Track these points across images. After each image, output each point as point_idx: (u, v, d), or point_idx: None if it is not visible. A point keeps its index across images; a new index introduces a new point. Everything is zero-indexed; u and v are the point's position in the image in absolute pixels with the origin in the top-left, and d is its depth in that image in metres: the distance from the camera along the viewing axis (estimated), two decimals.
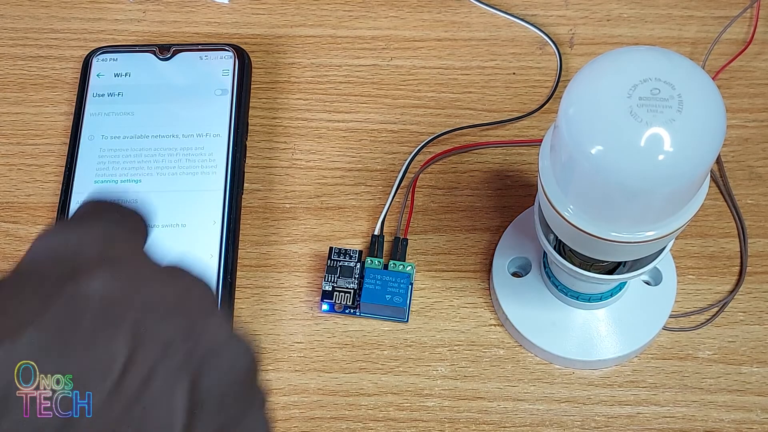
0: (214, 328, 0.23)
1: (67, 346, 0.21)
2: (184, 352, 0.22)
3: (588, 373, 0.42)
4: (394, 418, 0.42)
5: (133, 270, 0.23)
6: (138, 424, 0.21)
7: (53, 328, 0.21)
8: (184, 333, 0.22)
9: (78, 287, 0.22)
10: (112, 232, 0.24)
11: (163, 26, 0.52)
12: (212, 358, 0.23)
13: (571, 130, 0.29)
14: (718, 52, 0.50)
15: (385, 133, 0.49)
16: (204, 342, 0.23)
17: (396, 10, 0.52)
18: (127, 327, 0.22)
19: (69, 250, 0.23)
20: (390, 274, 0.43)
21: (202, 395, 0.22)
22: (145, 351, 0.21)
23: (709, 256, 0.45)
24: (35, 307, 0.21)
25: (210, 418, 0.22)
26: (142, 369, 0.21)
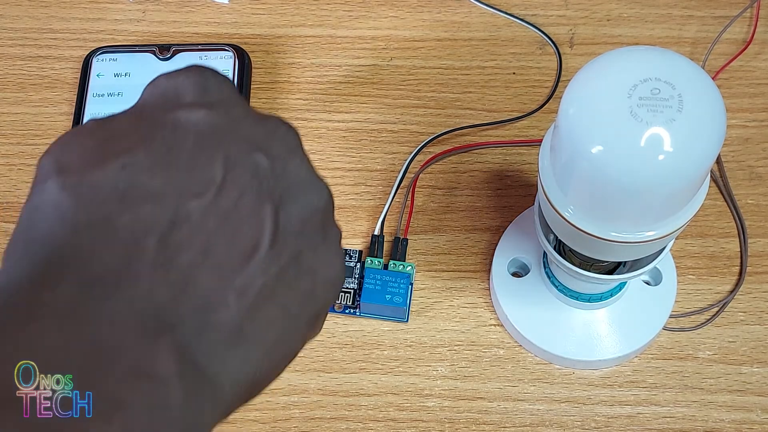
0: (297, 167, 0.26)
1: (172, 165, 0.24)
2: (270, 182, 0.25)
3: (588, 373, 0.42)
4: (394, 418, 0.42)
5: (229, 109, 0.26)
6: (231, 234, 0.24)
7: (161, 149, 0.24)
8: (269, 166, 0.26)
9: (181, 118, 0.25)
10: (211, 80, 0.27)
11: (163, 26, 0.52)
12: (294, 192, 0.26)
13: (571, 130, 0.29)
14: (718, 52, 0.50)
15: (385, 133, 0.49)
16: (287, 176, 0.26)
17: (396, 10, 0.52)
18: (222, 154, 0.25)
19: (173, 91, 0.26)
20: (390, 274, 0.43)
21: (283, 220, 0.25)
22: (235, 176, 0.25)
23: (709, 256, 0.45)
24: (146, 132, 0.25)
25: (290, 241, 0.25)
26: (234, 190, 0.24)
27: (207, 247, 0.24)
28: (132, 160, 0.24)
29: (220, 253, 0.24)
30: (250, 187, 0.25)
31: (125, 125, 0.25)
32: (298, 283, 0.25)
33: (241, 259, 0.24)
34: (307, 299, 0.26)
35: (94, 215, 0.23)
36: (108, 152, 0.24)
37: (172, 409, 0.22)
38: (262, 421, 0.42)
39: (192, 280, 0.23)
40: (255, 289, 0.24)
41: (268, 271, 0.25)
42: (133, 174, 0.24)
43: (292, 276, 0.25)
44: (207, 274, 0.24)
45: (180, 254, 0.23)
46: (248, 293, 0.24)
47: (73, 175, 0.24)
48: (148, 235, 0.23)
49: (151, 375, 0.22)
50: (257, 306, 0.24)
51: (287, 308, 0.25)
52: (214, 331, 0.23)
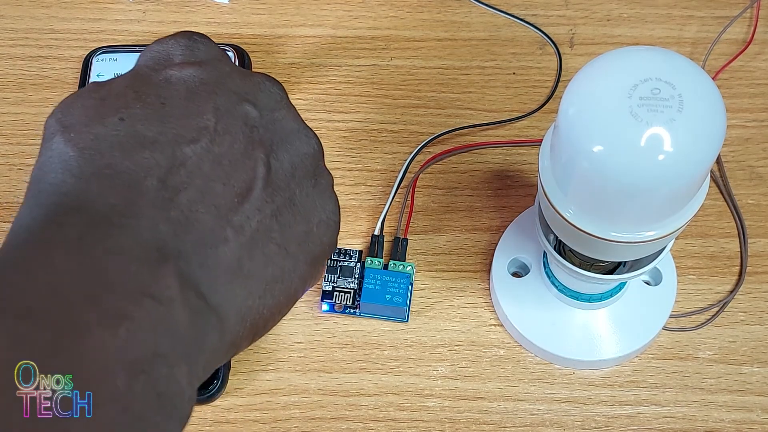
0: (285, 117, 0.29)
1: (166, 115, 0.26)
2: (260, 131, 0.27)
3: (588, 373, 0.42)
4: (394, 418, 0.42)
5: (216, 66, 0.28)
6: (225, 176, 0.26)
7: (155, 102, 0.26)
8: (258, 116, 0.27)
9: (172, 75, 0.27)
10: (198, 41, 0.29)
11: (163, 26, 0.52)
12: (283, 139, 0.28)
13: (571, 130, 0.29)
14: (718, 52, 0.50)
15: (385, 133, 0.49)
16: (276, 126, 0.28)
17: (396, 10, 0.52)
18: (212, 104, 0.27)
19: (164, 54, 0.28)
20: (390, 274, 0.43)
21: (274, 165, 0.27)
22: (227, 123, 0.27)
23: (709, 256, 0.45)
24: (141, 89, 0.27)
25: (282, 184, 0.27)
26: (227, 136, 0.26)
27: (204, 188, 0.25)
28: (129, 113, 0.26)
29: (216, 193, 0.25)
30: (242, 134, 0.27)
31: (122, 86, 0.27)
32: (293, 223, 0.27)
33: (237, 198, 0.26)
34: (304, 239, 0.27)
35: (98, 163, 0.25)
36: (106, 108, 0.26)
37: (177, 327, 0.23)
38: (262, 421, 0.42)
39: (192, 216, 0.25)
40: (252, 226, 0.26)
41: (264, 210, 0.26)
42: (131, 125, 0.25)
43: (287, 217, 0.27)
44: (205, 211, 0.25)
45: (179, 194, 0.25)
46: (245, 230, 0.26)
47: (76, 130, 0.25)
48: (148, 178, 0.25)
49: (155, 296, 0.23)
50: (255, 242, 0.26)
51: (284, 247, 0.26)
52: (214, 264, 0.25)
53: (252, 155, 0.27)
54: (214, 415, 0.42)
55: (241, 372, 0.43)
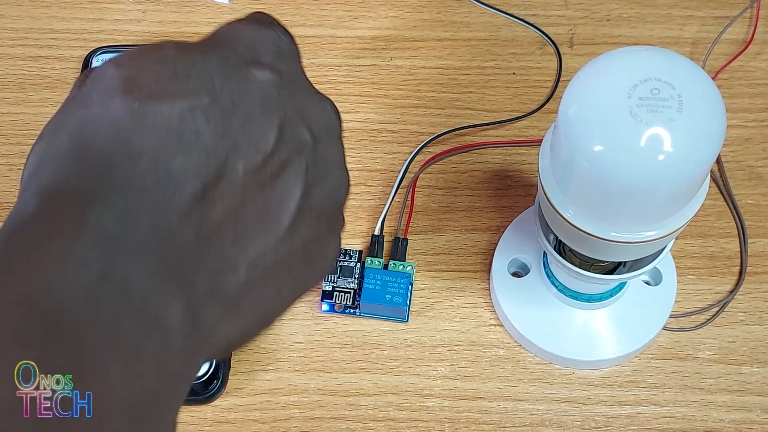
0: (334, 154, 0.28)
1: (233, 120, 0.25)
2: (309, 162, 0.26)
3: (588, 373, 0.42)
4: (394, 418, 0.42)
5: (295, 79, 0.27)
6: (261, 204, 0.25)
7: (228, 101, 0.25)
8: (313, 146, 0.26)
9: (253, 76, 0.26)
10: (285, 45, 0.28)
11: (163, 26, 0.52)
12: (324, 177, 0.27)
13: (571, 130, 0.29)
14: (718, 52, 0.50)
15: (385, 133, 0.49)
16: (324, 160, 0.27)
17: (396, 10, 0.52)
18: (278, 122, 0.25)
19: (252, 46, 0.27)
20: (390, 274, 0.43)
21: (309, 202, 0.26)
22: (284, 147, 0.25)
23: (709, 256, 0.45)
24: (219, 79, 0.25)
25: (305, 226, 0.26)
26: (278, 161, 0.25)
27: (238, 210, 0.24)
28: (199, 103, 0.24)
29: (246, 220, 0.24)
30: (291, 163, 0.26)
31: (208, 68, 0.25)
32: (297, 268, 0.26)
33: (262, 231, 0.25)
34: (299, 285, 0.27)
35: (149, 148, 0.23)
36: (179, 89, 0.24)
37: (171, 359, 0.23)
38: (262, 421, 0.42)
39: (217, 237, 0.24)
40: (264, 264, 0.25)
41: (280, 250, 0.25)
42: (196, 118, 0.24)
43: (295, 260, 0.26)
44: (230, 236, 0.24)
45: (213, 210, 0.24)
46: (258, 266, 0.25)
47: (141, 101, 0.24)
48: (190, 182, 0.24)
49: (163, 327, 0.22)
50: (260, 281, 0.25)
51: (280, 290, 0.26)
52: (219, 296, 0.24)
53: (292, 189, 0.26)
54: (214, 415, 0.42)
55: (241, 372, 0.43)
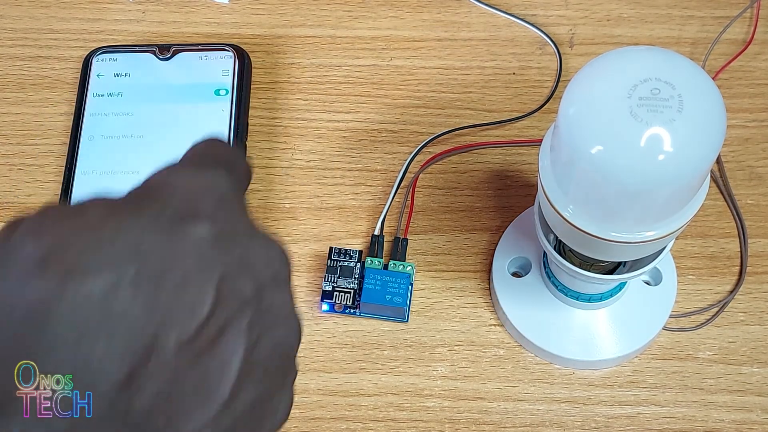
0: (282, 301, 0.25)
1: (163, 286, 0.22)
2: (254, 316, 0.24)
3: (588, 374, 0.42)
4: (394, 418, 0.42)
5: (234, 228, 0.24)
6: (197, 374, 0.23)
7: (157, 266, 0.22)
8: (255, 300, 0.24)
9: (187, 230, 0.23)
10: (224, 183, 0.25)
11: (163, 26, 0.52)
12: (272, 329, 0.24)
13: (571, 130, 0.29)
14: (718, 52, 0.50)
15: (385, 133, 0.49)
16: (270, 311, 0.24)
17: (396, 10, 0.52)
18: (216, 280, 0.23)
19: (189, 192, 0.24)
20: (390, 274, 0.43)
21: (254, 360, 0.24)
22: (222, 310, 0.23)
23: (709, 256, 0.45)
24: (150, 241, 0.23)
25: (253, 385, 0.24)
26: (216, 326, 0.23)
27: (170, 389, 0.22)
28: (125, 275, 0.22)
29: (180, 396, 0.22)
30: (232, 324, 0.23)
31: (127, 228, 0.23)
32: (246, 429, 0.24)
33: (200, 405, 0.23)
34: None
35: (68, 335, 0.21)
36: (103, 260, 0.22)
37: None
38: None
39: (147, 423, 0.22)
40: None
41: (222, 420, 0.23)
42: (121, 293, 0.22)
43: (242, 423, 0.24)
44: (161, 419, 0.22)
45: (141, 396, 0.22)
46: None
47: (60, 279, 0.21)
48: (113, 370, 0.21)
49: None
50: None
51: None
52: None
53: (233, 352, 0.23)
54: None
55: None
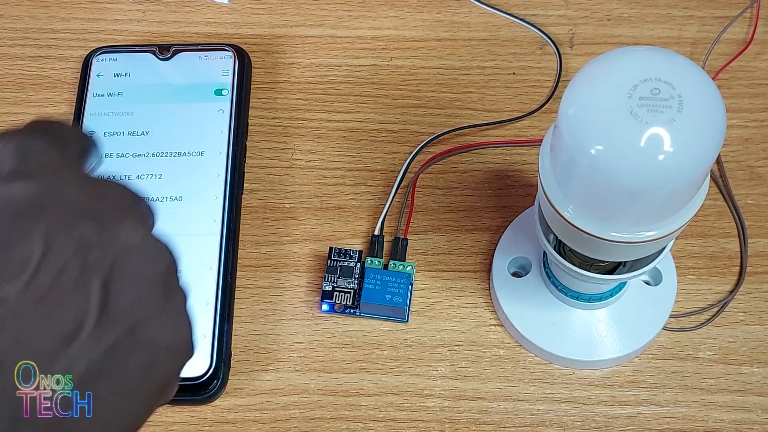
0: (130, 232, 0.25)
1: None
2: (96, 254, 0.24)
3: (588, 373, 0.42)
4: (394, 418, 0.42)
5: (52, 176, 0.24)
6: (49, 317, 0.23)
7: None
8: (96, 236, 0.24)
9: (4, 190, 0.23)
10: (32, 144, 0.25)
11: (163, 26, 0.52)
12: (124, 260, 0.24)
13: (571, 130, 0.29)
14: (718, 52, 0.50)
15: (385, 133, 0.49)
16: (116, 244, 0.24)
17: (396, 10, 0.52)
18: (40, 230, 0.23)
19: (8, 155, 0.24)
20: (390, 274, 0.43)
21: (115, 292, 0.24)
22: (56, 252, 0.23)
23: (709, 256, 0.45)
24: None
25: (122, 315, 0.24)
26: (54, 267, 0.23)
27: (22, 334, 0.22)
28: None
29: (36, 339, 0.22)
30: (73, 262, 0.23)
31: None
32: (133, 356, 0.24)
33: (61, 342, 0.23)
34: (147, 372, 0.25)
35: None
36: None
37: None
38: (262, 421, 0.42)
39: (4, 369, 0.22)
40: (80, 370, 0.23)
41: (95, 350, 0.23)
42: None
43: (125, 350, 0.24)
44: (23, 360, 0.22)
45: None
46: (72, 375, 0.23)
47: None
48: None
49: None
50: (83, 386, 0.23)
51: (122, 383, 0.24)
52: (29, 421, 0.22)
53: (85, 285, 0.23)
54: (214, 415, 0.42)
55: (241, 372, 0.43)
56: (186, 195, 0.45)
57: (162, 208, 0.44)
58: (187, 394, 0.41)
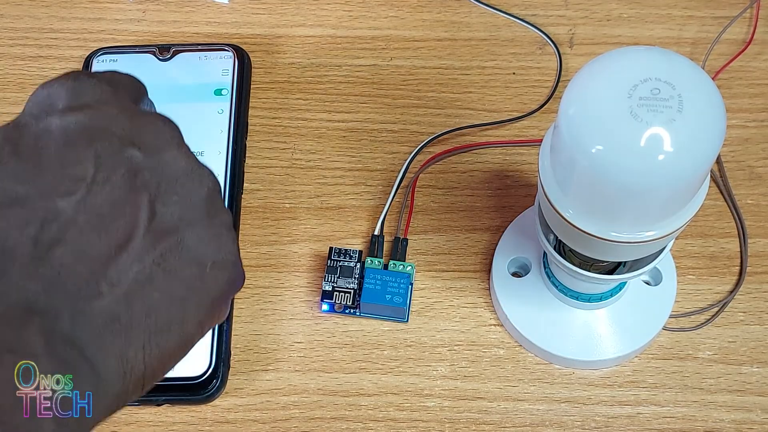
0: (174, 158, 0.27)
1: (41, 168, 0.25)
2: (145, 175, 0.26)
3: (588, 373, 0.42)
4: (394, 418, 0.42)
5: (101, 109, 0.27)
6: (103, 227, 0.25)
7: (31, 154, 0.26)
8: (143, 159, 0.26)
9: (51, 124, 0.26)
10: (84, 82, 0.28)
11: (163, 26, 0.52)
12: (172, 181, 0.27)
13: (571, 130, 0.29)
14: (718, 52, 0.50)
15: (385, 133, 0.49)
16: (164, 168, 0.27)
17: (396, 10, 0.52)
18: (92, 152, 0.26)
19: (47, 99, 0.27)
20: (390, 274, 0.43)
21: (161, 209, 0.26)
22: (107, 171, 0.26)
23: (709, 256, 0.45)
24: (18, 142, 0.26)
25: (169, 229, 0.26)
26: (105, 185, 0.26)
27: (79, 241, 0.25)
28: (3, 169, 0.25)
29: (92, 246, 0.25)
30: (124, 180, 0.26)
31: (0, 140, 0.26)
32: (181, 268, 0.26)
33: (116, 249, 0.25)
34: (195, 284, 0.26)
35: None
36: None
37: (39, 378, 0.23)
38: (262, 421, 0.42)
39: (64, 271, 0.24)
40: (129, 277, 0.25)
41: (144, 259, 0.25)
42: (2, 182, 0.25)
43: (173, 262, 0.26)
44: (79, 266, 0.24)
45: (51, 250, 0.24)
46: (122, 281, 0.25)
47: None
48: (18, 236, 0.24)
49: (17, 351, 0.22)
50: (133, 293, 0.25)
51: (171, 294, 0.26)
52: (88, 317, 0.24)
53: (134, 201, 0.26)
54: (214, 415, 0.42)
55: (241, 372, 0.43)
56: None
57: None
58: (187, 394, 0.41)
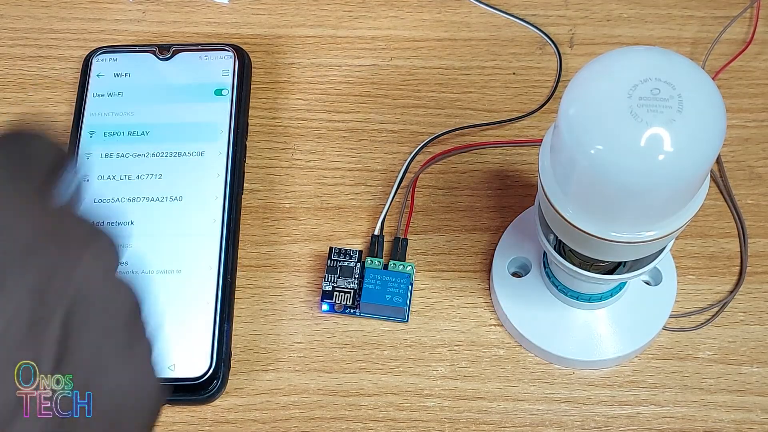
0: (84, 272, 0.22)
1: None
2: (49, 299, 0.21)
3: (588, 373, 0.42)
4: (394, 418, 0.42)
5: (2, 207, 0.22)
6: None
7: None
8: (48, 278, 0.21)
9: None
10: None
11: (163, 26, 0.52)
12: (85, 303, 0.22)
13: (571, 130, 0.29)
14: (718, 52, 0.50)
15: (385, 133, 0.49)
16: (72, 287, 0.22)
17: (396, 10, 0.52)
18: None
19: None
20: (390, 274, 0.43)
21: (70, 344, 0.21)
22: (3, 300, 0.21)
23: (709, 256, 0.45)
24: None
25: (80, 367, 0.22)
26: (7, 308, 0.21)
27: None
28: None
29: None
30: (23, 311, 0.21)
31: None
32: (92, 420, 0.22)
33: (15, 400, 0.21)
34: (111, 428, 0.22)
35: None
36: None
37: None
38: (262, 421, 0.42)
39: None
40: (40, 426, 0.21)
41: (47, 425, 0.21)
42: None
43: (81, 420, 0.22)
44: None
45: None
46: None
47: None
48: None
49: None
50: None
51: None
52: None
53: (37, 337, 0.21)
54: (214, 415, 0.42)
55: (241, 372, 0.43)
56: (186, 195, 0.45)
57: (162, 208, 0.45)
58: (187, 394, 0.41)
